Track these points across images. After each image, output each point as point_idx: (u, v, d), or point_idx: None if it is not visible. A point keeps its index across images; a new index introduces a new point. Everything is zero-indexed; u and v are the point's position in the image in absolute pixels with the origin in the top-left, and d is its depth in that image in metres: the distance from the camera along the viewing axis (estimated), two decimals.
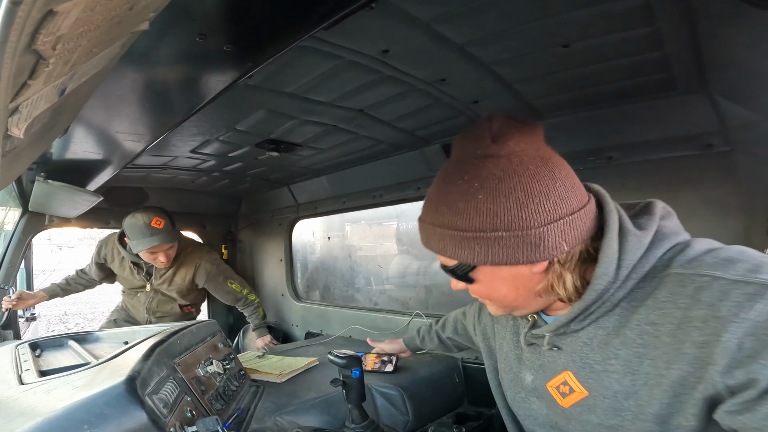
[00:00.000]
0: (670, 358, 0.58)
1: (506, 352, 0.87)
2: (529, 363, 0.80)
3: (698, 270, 0.58)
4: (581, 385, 0.69)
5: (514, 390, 0.85)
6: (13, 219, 2.24)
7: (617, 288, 0.63)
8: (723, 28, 0.82)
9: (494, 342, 0.94)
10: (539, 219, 0.61)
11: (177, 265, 2.41)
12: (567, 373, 0.71)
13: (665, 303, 0.59)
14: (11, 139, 0.57)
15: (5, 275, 2.15)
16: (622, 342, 0.64)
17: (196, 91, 0.97)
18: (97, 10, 0.38)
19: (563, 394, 0.72)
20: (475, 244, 0.63)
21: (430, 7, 0.82)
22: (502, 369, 0.89)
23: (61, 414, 0.76)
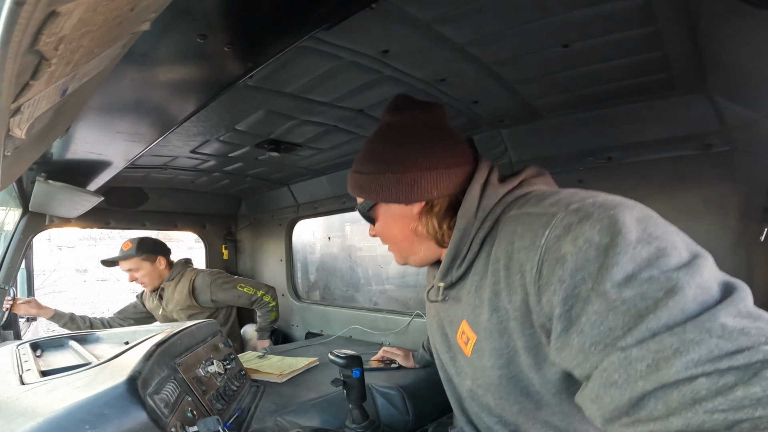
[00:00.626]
0: (509, 290, 0.63)
1: (431, 316, 0.94)
2: (445, 320, 0.86)
3: (522, 209, 0.65)
4: (471, 330, 0.73)
5: (442, 349, 0.88)
6: (13, 219, 2.24)
7: (477, 229, 0.72)
8: (723, 28, 0.82)
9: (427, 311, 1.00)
10: (416, 166, 0.76)
11: (175, 283, 2.48)
12: (463, 322, 0.76)
13: (502, 240, 0.66)
14: (13, 139, 0.57)
15: (5, 275, 2.15)
16: (486, 283, 0.69)
17: (197, 92, 0.98)
18: (99, 10, 0.38)
19: (465, 342, 0.76)
20: (373, 184, 0.80)
21: (430, 8, 0.82)
22: (430, 333, 0.96)
23: (61, 414, 0.76)
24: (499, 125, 1.50)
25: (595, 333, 0.48)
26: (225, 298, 2.44)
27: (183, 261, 2.60)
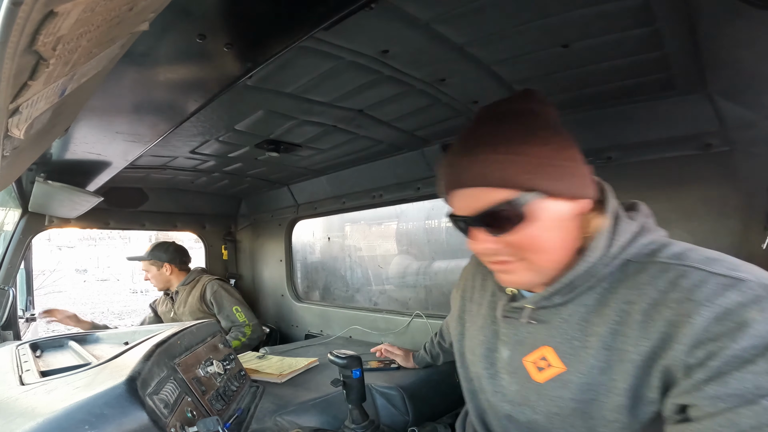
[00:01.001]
0: (641, 335, 0.60)
1: (480, 327, 0.85)
2: (506, 338, 0.78)
3: (682, 261, 0.61)
4: (561, 361, 0.69)
5: (483, 365, 0.82)
6: (13, 219, 2.24)
7: (604, 265, 0.66)
8: (723, 28, 0.82)
9: (466, 319, 0.93)
10: (581, 159, 0.68)
11: (190, 287, 2.62)
12: (546, 348, 0.71)
13: (645, 285, 0.62)
14: (11, 139, 0.57)
15: (5, 276, 2.15)
16: (601, 320, 0.65)
17: (196, 92, 0.97)
18: (97, 10, 0.38)
19: (540, 368, 0.71)
20: (545, 169, 0.63)
21: (430, 8, 0.82)
22: (470, 346, 0.88)
23: (61, 414, 0.76)
24: None
25: (742, 386, 0.51)
26: (218, 311, 2.53)
27: (200, 269, 2.79)
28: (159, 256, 2.62)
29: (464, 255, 0.93)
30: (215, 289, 2.55)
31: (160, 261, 2.63)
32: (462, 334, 0.93)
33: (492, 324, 0.83)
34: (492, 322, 0.83)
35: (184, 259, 2.72)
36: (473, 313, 0.90)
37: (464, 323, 0.93)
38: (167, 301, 2.71)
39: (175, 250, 2.68)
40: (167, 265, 2.63)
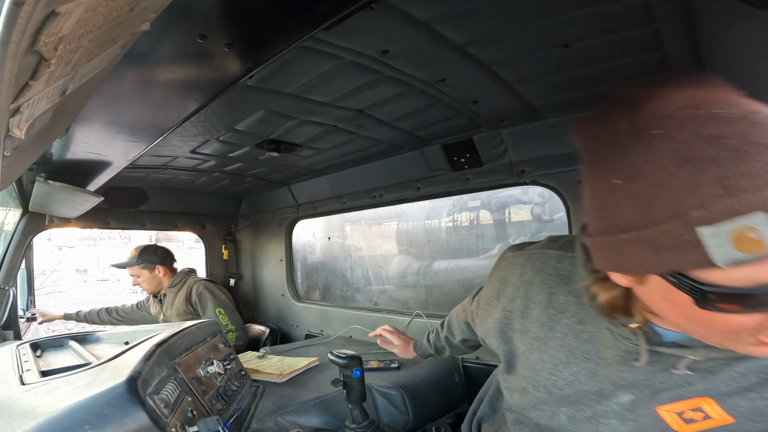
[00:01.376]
0: None
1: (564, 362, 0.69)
2: (628, 382, 0.64)
3: None
4: (726, 413, 0.59)
5: (575, 407, 0.68)
6: (13, 219, 2.24)
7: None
8: (723, 28, 0.82)
9: (514, 338, 0.77)
10: None
11: (176, 289, 2.61)
12: (705, 400, 0.60)
13: None
14: (12, 139, 0.57)
15: (5, 275, 2.15)
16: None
17: (196, 92, 0.98)
18: (98, 10, 0.38)
19: (689, 420, 0.60)
20: None
21: (430, 8, 0.82)
22: (543, 377, 0.72)
23: (62, 414, 0.76)
24: (499, 125, 1.50)
25: None
26: (201, 308, 2.52)
27: (186, 270, 2.75)
28: (150, 259, 2.60)
29: (464, 255, 0.92)
30: (200, 290, 2.52)
31: (152, 264, 2.61)
32: (512, 353, 0.78)
33: (588, 360, 0.67)
34: (587, 358, 0.67)
35: (172, 260, 2.71)
36: (535, 336, 0.73)
37: (512, 341, 0.78)
38: (156, 304, 2.70)
39: (164, 252, 2.67)
40: (159, 267, 2.62)
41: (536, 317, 0.73)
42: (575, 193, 1.47)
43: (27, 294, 2.85)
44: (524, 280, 0.76)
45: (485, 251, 2.86)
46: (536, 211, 2.79)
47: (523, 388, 0.75)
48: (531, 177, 1.57)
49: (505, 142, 1.56)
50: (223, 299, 2.56)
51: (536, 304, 0.73)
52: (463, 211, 3.01)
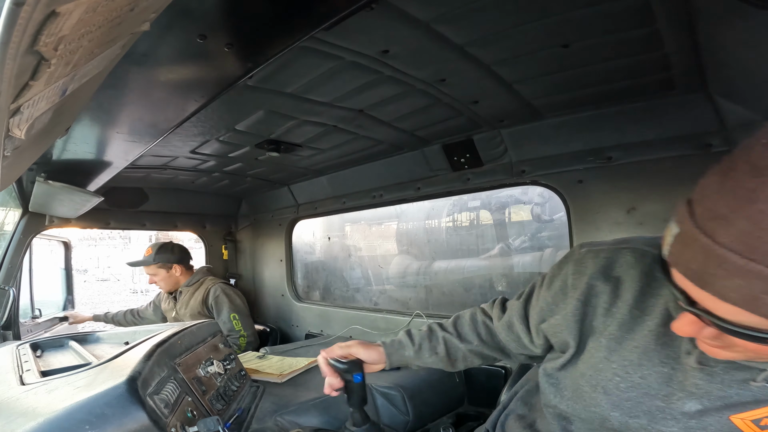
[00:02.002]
0: None
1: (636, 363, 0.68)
2: (701, 390, 0.63)
3: None
4: None
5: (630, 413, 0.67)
6: (13, 219, 2.24)
7: None
8: (723, 28, 0.82)
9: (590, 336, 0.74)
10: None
11: (193, 289, 2.58)
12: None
13: None
14: (12, 139, 0.57)
15: (5, 276, 2.15)
16: None
17: (196, 92, 0.97)
18: (98, 11, 0.38)
19: (765, 426, 0.60)
20: None
21: (430, 8, 0.82)
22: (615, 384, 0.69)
23: (62, 414, 0.76)
24: (499, 125, 1.50)
25: None
26: (216, 312, 2.49)
27: (205, 269, 2.72)
28: (167, 258, 2.57)
29: (464, 255, 0.91)
30: (217, 293, 2.49)
31: (169, 263, 2.58)
32: (579, 350, 0.75)
33: (662, 364, 0.66)
34: (662, 362, 0.66)
35: (189, 258, 2.68)
36: (611, 335, 0.70)
37: (584, 337, 0.74)
38: (170, 300, 2.69)
39: (181, 250, 2.64)
40: (176, 266, 2.59)
41: (620, 316, 0.70)
42: (575, 193, 1.47)
43: (66, 293, 2.85)
44: (612, 276, 0.72)
45: (485, 251, 2.86)
46: (536, 211, 2.79)
47: (577, 387, 0.73)
48: (531, 177, 1.57)
49: (505, 142, 1.56)
50: (239, 304, 2.52)
51: (623, 303, 0.70)
52: (463, 211, 3.01)
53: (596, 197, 1.38)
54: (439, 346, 0.95)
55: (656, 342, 0.67)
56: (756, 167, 0.47)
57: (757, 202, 0.45)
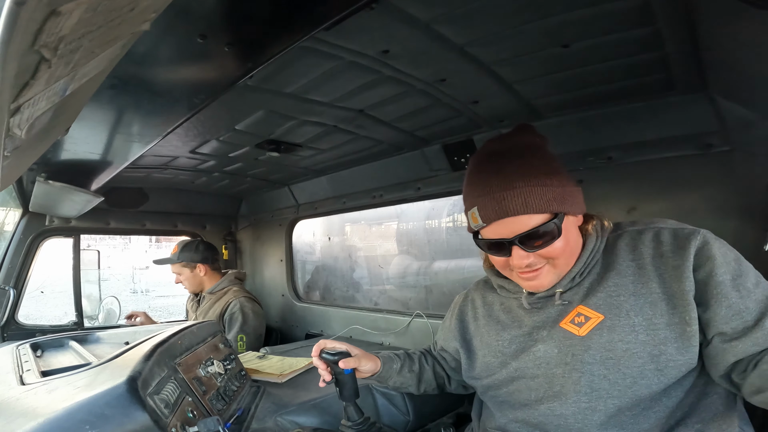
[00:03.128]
0: (659, 280, 0.81)
1: (500, 331, 0.99)
2: (538, 322, 0.93)
3: (647, 225, 0.88)
4: (595, 312, 0.85)
5: (523, 353, 0.93)
6: (13, 219, 2.24)
7: (599, 242, 0.89)
8: (723, 28, 0.82)
9: (473, 336, 1.07)
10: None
11: (216, 298, 2.45)
12: (579, 307, 0.87)
13: (638, 245, 0.86)
14: (13, 139, 0.57)
15: (5, 275, 2.15)
16: (617, 273, 0.85)
17: (197, 92, 0.98)
18: (99, 10, 0.38)
19: (579, 324, 0.86)
20: (567, 195, 0.84)
21: (430, 8, 0.82)
22: (495, 350, 0.99)
23: (62, 414, 0.76)
24: (499, 125, 1.50)
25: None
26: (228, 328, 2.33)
27: (232, 276, 2.53)
28: (191, 257, 2.44)
29: (464, 255, 0.95)
30: (234, 310, 2.32)
31: (193, 262, 2.45)
32: (470, 349, 1.06)
33: (513, 321, 0.98)
34: (513, 319, 0.99)
35: (215, 257, 2.54)
36: (484, 327, 1.04)
37: (471, 340, 1.07)
38: (193, 302, 2.60)
39: (206, 249, 2.49)
40: (200, 266, 2.46)
41: (481, 315, 1.06)
42: None
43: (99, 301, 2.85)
44: (460, 301, 1.15)
45: None
46: None
47: (486, 363, 1.00)
48: None
49: None
50: (253, 326, 2.33)
51: (478, 308, 1.08)
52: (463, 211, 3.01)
53: (596, 197, 1.37)
54: (415, 365, 1.16)
55: (504, 313, 1.01)
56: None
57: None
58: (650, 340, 0.78)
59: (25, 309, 2.35)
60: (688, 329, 0.76)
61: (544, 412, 0.87)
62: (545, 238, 0.83)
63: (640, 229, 0.88)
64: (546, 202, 0.81)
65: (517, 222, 0.82)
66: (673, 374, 0.78)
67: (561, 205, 0.82)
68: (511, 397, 0.95)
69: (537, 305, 0.94)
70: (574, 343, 0.85)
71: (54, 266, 2.76)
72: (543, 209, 0.81)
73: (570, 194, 0.84)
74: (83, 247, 2.59)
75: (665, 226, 0.85)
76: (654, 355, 0.78)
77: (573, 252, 0.87)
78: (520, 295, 0.96)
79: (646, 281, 0.82)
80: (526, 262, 0.85)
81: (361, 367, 1.08)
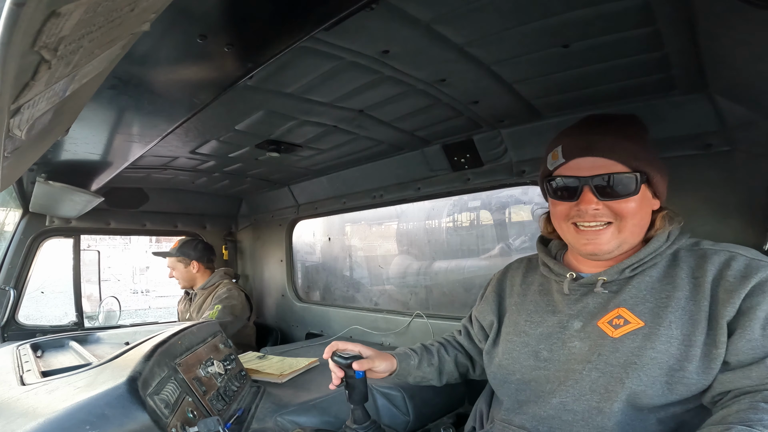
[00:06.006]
0: (711, 301, 0.80)
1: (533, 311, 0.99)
2: (573, 311, 0.92)
3: (726, 248, 0.85)
4: (638, 318, 0.84)
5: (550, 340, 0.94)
6: (13, 220, 2.24)
7: (666, 247, 0.88)
8: (723, 28, 0.82)
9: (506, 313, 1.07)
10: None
11: (208, 292, 2.53)
12: (621, 310, 0.86)
13: (705, 264, 0.83)
14: (13, 140, 0.57)
15: (5, 276, 2.15)
16: (673, 287, 0.84)
17: (197, 92, 0.98)
18: (98, 11, 0.38)
19: (616, 326, 0.85)
20: (659, 164, 0.88)
21: (430, 8, 0.82)
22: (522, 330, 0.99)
23: (62, 415, 0.76)
24: (499, 125, 1.50)
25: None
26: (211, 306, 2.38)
27: (223, 272, 2.63)
28: (187, 254, 2.57)
29: (464, 255, 0.94)
30: (220, 292, 2.44)
31: (188, 258, 2.57)
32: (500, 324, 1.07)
33: (548, 305, 0.98)
34: (548, 303, 0.98)
35: (210, 257, 2.66)
36: (516, 305, 1.05)
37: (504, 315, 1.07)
38: (185, 301, 2.66)
39: (204, 248, 2.62)
40: (194, 263, 2.57)
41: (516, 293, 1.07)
42: None
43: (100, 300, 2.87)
44: (500, 276, 1.17)
45: (485, 251, 2.86)
46: (537, 212, 2.77)
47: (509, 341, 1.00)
48: (531, 177, 1.56)
49: (505, 142, 1.56)
50: (232, 304, 2.38)
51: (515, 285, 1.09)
52: (463, 212, 3.01)
53: None
54: (434, 357, 1.16)
55: (540, 294, 1.01)
56: None
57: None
58: (679, 354, 0.78)
59: (25, 309, 2.35)
60: (715, 351, 0.76)
61: (555, 406, 0.87)
62: (620, 190, 0.84)
63: (717, 250, 0.85)
64: (633, 155, 0.84)
65: (599, 163, 0.85)
66: (678, 395, 0.78)
67: (646, 166, 0.85)
68: (526, 386, 0.94)
69: (577, 292, 0.93)
70: (605, 343, 0.85)
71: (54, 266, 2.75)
72: (628, 161, 0.84)
73: (657, 167, 0.87)
74: (83, 247, 2.61)
75: (743, 254, 0.83)
76: (674, 369, 0.78)
77: (640, 226, 0.88)
78: (563, 279, 0.96)
79: (698, 300, 0.81)
80: (593, 210, 0.86)
81: (375, 368, 1.06)
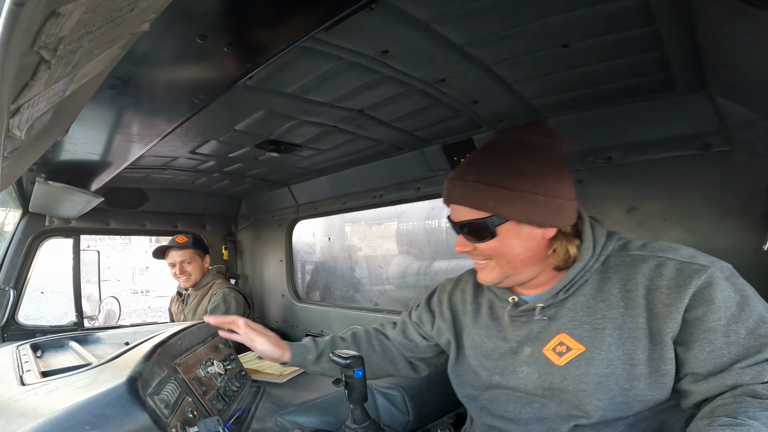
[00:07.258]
0: (648, 315, 0.78)
1: (486, 336, 0.98)
2: (521, 337, 0.92)
3: (654, 252, 0.82)
4: (578, 343, 0.83)
5: (501, 365, 0.94)
6: (13, 220, 2.24)
7: (594, 261, 0.85)
8: (723, 28, 0.82)
9: (462, 330, 1.06)
10: (566, 194, 0.83)
11: (202, 294, 2.49)
12: (562, 336, 0.85)
13: (635, 274, 0.81)
14: (12, 140, 0.57)
15: (5, 276, 2.15)
16: (608, 305, 0.82)
17: (197, 92, 0.98)
18: (98, 11, 0.38)
19: (559, 353, 0.85)
20: (516, 201, 0.81)
21: (430, 8, 0.82)
22: (481, 352, 0.98)
23: (62, 415, 0.76)
24: (498, 125, 1.50)
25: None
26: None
27: (215, 270, 2.59)
28: (203, 247, 2.54)
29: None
30: (217, 301, 2.38)
31: (204, 252, 2.53)
32: (459, 344, 1.05)
33: (499, 331, 0.96)
34: (498, 329, 0.97)
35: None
36: (472, 326, 1.02)
37: (461, 333, 1.06)
38: (178, 303, 2.62)
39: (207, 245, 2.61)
40: (207, 258, 2.54)
41: (470, 311, 1.04)
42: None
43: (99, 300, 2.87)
44: (450, 288, 1.12)
45: None
46: None
47: (471, 366, 0.99)
48: None
49: None
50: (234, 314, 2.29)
51: (467, 302, 1.06)
52: None
53: (596, 197, 1.38)
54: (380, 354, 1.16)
55: (489, 318, 0.99)
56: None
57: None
58: (625, 374, 0.78)
59: (25, 309, 2.35)
60: (664, 367, 0.76)
61: (525, 422, 0.89)
62: (478, 234, 0.86)
63: (644, 256, 0.82)
64: (482, 201, 0.83)
65: (457, 210, 0.88)
66: (638, 408, 0.79)
67: (501, 208, 0.81)
68: (491, 405, 0.96)
69: (520, 319, 0.93)
70: (552, 371, 0.85)
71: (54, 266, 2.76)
72: (478, 207, 0.83)
73: (530, 202, 0.80)
74: (83, 247, 2.59)
75: (672, 258, 0.79)
76: (626, 389, 0.78)
77: (520, 259, 0.86)
78: (506, 304, 0.95)
79: (634, 315, 0.79)
80: (463, 250, 0.91)
81: (255, 346, 1.08)
